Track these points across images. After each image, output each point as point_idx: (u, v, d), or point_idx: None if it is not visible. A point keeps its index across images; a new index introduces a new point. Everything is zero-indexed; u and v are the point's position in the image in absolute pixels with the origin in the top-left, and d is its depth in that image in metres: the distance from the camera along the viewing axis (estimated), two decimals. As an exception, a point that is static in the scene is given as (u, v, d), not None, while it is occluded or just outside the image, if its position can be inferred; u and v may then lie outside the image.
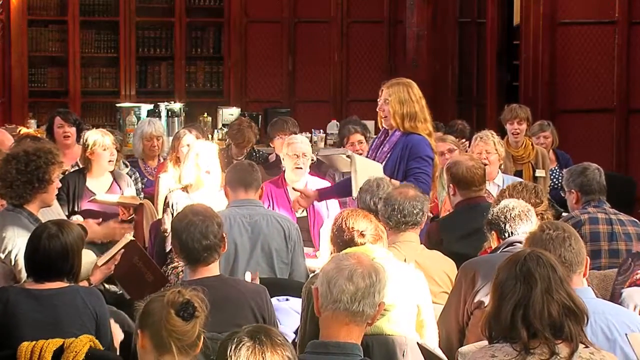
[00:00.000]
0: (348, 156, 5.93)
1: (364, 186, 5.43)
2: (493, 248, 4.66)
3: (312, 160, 6.86)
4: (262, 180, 5.77)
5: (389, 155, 5.97)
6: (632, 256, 5.03)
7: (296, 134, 7.68)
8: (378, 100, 6.04)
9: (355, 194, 5.71)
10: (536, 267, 3.16)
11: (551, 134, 8.26)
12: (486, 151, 6.75)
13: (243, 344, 2.71)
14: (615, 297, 4.79)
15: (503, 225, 4.57)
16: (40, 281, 4.20)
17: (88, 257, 5.22)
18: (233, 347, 2.71)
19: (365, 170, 5.77)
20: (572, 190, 5.88)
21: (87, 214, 6.40)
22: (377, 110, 6.06)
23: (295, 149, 6.58)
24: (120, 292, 5.43)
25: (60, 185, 5.33)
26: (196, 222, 4.27)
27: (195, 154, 6.19)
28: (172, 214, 5.93)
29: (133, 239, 5.15)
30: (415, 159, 5.88)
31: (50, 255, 4.19)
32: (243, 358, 2.70)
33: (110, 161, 6.76)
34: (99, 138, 6.75)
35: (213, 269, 4.29)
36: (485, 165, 6.24)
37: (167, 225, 5.94)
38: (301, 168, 6.58)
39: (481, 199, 5.69)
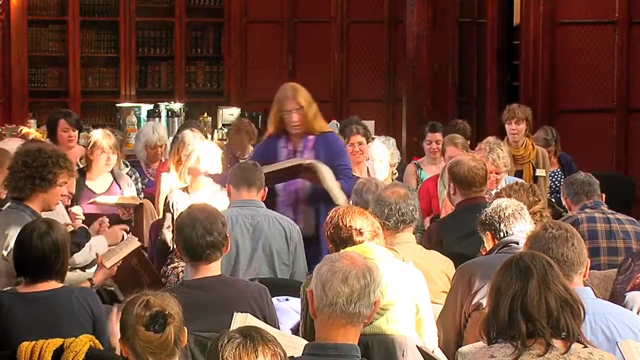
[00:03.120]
0: (307, 165, 5.94)
1: (362, 187, 5.44)
2: (488, 250, 4.65)
3: None
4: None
5: (316, 159, 6.04)
6: (632, 256, 5.04)
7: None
8: (285, 112, 6.03)
9: (341, 200, 5.71)
10: (532, 261, 3.16)
11: (555, 146, 8.24)
12: (496, 172, 6.61)
13: (234, 339, 2.72)
14: (615, 296, 4.79)
15: (498, 225, 4.56)
16: (35, 280, 4.17)
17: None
18: (224, 341, 2.72)
19: (328, 172, 5.88)
20: (563, 197, 6.03)
21: (86, 217, 6.38)
22: (290, 122, 6.04)
23: None
24: (112, 288, 5.45)
25: (66, 192, 5.33)
26: (201, 218, 4.28)
27: (197, 157, 6.20)
28: (173, 214, 5.93)
29: (140, 244, 5.15)
30: (338, 156, 6.10)
31: (45, 252, 4.17)
32: (235, 352, 2.70)
33: (107, 164, 6.79)
34: (99, 140, 6.76)
35: (214, 269, 4.28)
36: (497, 183, 6.39)
37: (168, 223, 5.95)
38: None
39: (481, 199, 5.69)
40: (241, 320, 3.92)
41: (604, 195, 5.97)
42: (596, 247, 5.60)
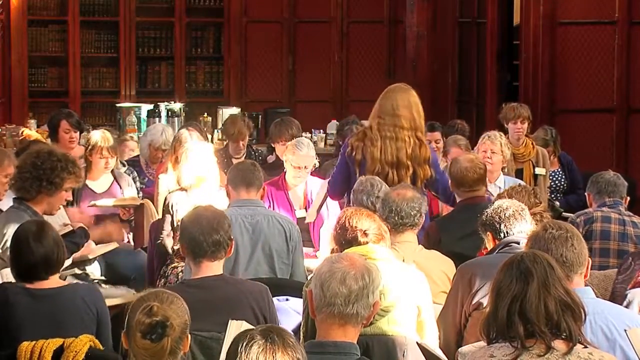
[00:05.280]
0: None
1: (359, 187, 5.44)
2: (489, 249, 4.66)
3: (314, 166, 6.83)
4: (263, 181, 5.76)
5: None
6: (632, 255, 5.05)
7: (299, 136, 7.58)
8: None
9: None
10: (533, 264, 3.15)
11: (554, 146, 8.24)
12: (491, 150, 6.72)
13: (255, 342, 2.72)
14: (615, 295, 4.80)
15: (498, 226, 4.56)
16: (40, 277, 4.16)
17: None
18: (244, 344, 2.72)
19: None
20: (587, 192, 6.06)
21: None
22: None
23: (298, 161, 6.53)
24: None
25: (71, 198, 5.34)
26: (208, 216, 4.30)
27: (193, 158, 6.18)
28: (173, 215, 5.93)
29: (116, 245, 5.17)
30: None
31: (46, 250, 4.15)
32: (253, 355, 2.70)
33: (106, 168, 6.82)
34: (98, 143, 6.77)
35: (216, 268, 4.28)
36: (490, 163, 6.44)
37: (168, 226, 5.93)
38: (300, 177, 6.57)
39: (480, 198, 5.70)
40: (236, 328, 3.91)
41: (628, 198, 5.96)
42: (606, 248, 5.61)
